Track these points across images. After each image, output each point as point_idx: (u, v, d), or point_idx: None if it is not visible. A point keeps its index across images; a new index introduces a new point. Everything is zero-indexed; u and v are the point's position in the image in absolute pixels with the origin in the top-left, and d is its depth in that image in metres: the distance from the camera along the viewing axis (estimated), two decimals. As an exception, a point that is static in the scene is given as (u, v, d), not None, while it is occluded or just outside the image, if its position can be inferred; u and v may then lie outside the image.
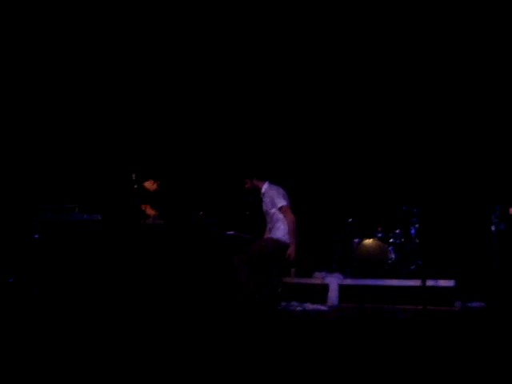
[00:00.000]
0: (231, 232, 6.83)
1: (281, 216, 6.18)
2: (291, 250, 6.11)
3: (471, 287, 7.70)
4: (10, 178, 8.20)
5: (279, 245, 6.13)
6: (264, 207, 6.37)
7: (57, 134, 8.70)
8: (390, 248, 8.19)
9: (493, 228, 7.79)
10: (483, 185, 8.33)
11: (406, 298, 7.30)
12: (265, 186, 6.36)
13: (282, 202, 6.20)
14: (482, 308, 7.26)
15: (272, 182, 6.43)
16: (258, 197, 6.43)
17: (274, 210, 6.24)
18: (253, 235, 6.89)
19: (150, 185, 7.04)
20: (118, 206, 7.01)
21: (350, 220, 8.56)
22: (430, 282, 6.42)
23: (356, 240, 8.30)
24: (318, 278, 8.02)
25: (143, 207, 6.91)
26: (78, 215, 6.90)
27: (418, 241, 8.18)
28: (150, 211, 6.90)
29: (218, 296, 6.50)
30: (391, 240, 8.25)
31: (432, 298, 7.01)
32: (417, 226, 8.21)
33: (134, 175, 6.89)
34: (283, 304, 7.05)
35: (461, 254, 8.29)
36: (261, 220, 6.52)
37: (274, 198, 6.22)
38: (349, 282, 7.88)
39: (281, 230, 6.17)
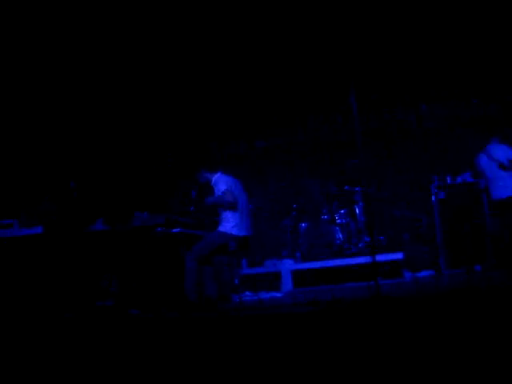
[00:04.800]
0: (177, 229, 6.73)
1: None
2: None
3: (419, 257, 7.91)
4: None
5: (227, 237, 6.07)
6: None
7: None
8: (336, 228, 8.28)
9: (433, 198, 8.04)
10: (420, 157, 8.54)
11: (358, 276, 7.43)
12: (215, 177, 6.27)
13: (223, 187, 6.07)
14: (431, 276, 7.46)
15: (225, 172, 6.31)
16: (208, 191, 6.31)
17: None
18: (200, 230, 6.82)
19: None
20: (59, 216, 6.83)
21: (295, 206, 8.62)
22: (379, 257, 6.52)
23: (303, 224, 8.37)
24: (269, 266, 8.05)
25: None
26: (18, 230, 6.68)
27: (363, 219, 8.31)
28: None
29: (170, 295, 6.40)
30: (337, 221, 8.34)
31: (382, 272, 7.17)
32: (361, 204, 8.33)
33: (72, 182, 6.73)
34: (237, 295, 7.01)
35: (406, 226, 8.49)
36: (207, 215, 6.46)
37: (218, 188, 6.11)
38: (300, 266, 7.96)
39: (230, 221, 6.08)
